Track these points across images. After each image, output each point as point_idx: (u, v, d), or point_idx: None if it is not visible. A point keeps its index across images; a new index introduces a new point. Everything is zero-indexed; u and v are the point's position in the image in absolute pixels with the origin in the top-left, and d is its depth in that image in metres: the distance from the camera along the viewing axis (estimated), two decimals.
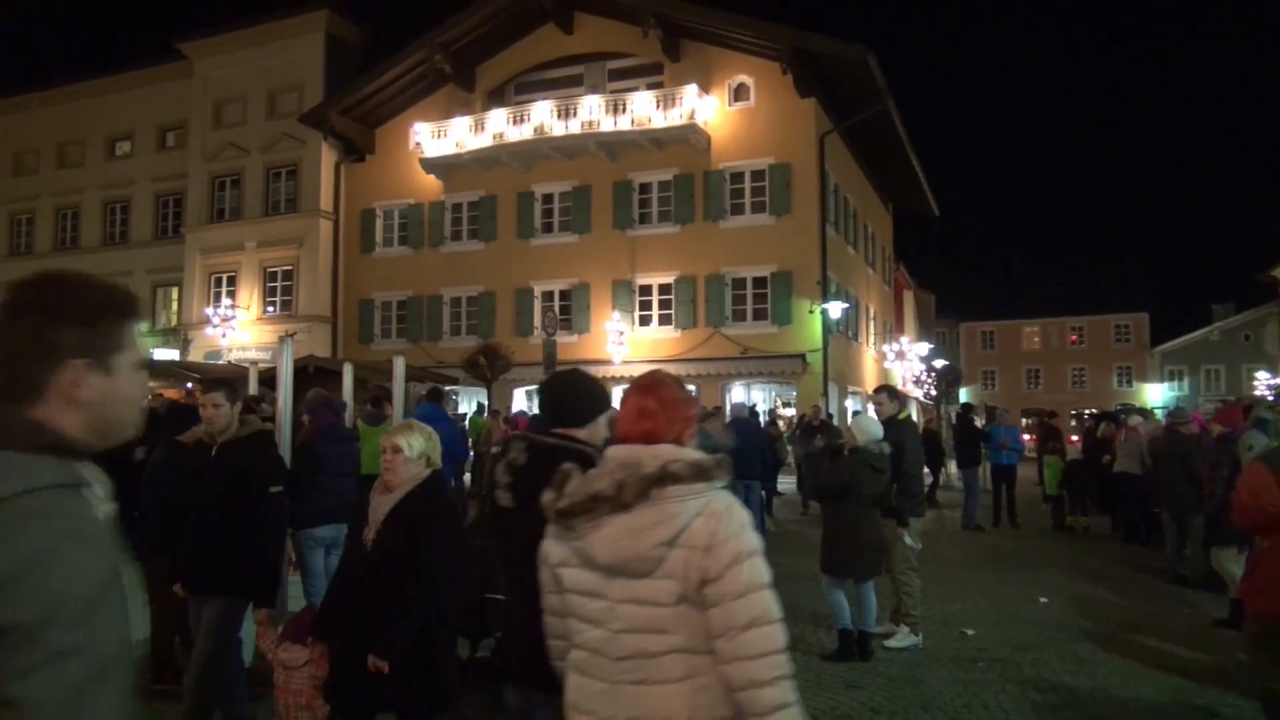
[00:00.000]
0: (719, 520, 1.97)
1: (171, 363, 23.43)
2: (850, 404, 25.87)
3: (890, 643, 6.82)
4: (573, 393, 2.88)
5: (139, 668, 1.30)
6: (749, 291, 23.88)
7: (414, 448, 3.64)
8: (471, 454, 14.90)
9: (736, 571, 1.94)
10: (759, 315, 23.72)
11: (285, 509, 4.77)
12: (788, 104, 23.60)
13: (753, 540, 2.00)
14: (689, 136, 23.76)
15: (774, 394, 25.92)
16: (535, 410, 14.01)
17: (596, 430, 2.75)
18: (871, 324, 31.28)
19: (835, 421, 19.46)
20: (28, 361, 1.32)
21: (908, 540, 6.93)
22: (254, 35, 28.98)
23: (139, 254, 31.19)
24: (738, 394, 23.54)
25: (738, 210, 24.11)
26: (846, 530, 6.48)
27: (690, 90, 23.74)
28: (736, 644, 1.92)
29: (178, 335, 29.29)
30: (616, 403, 2.53)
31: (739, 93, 24.32)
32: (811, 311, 23.03)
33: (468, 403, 23.70)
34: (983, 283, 62.33)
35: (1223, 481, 7.73)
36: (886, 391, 7.37)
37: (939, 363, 37.69)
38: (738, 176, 24.13)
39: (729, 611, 1.93)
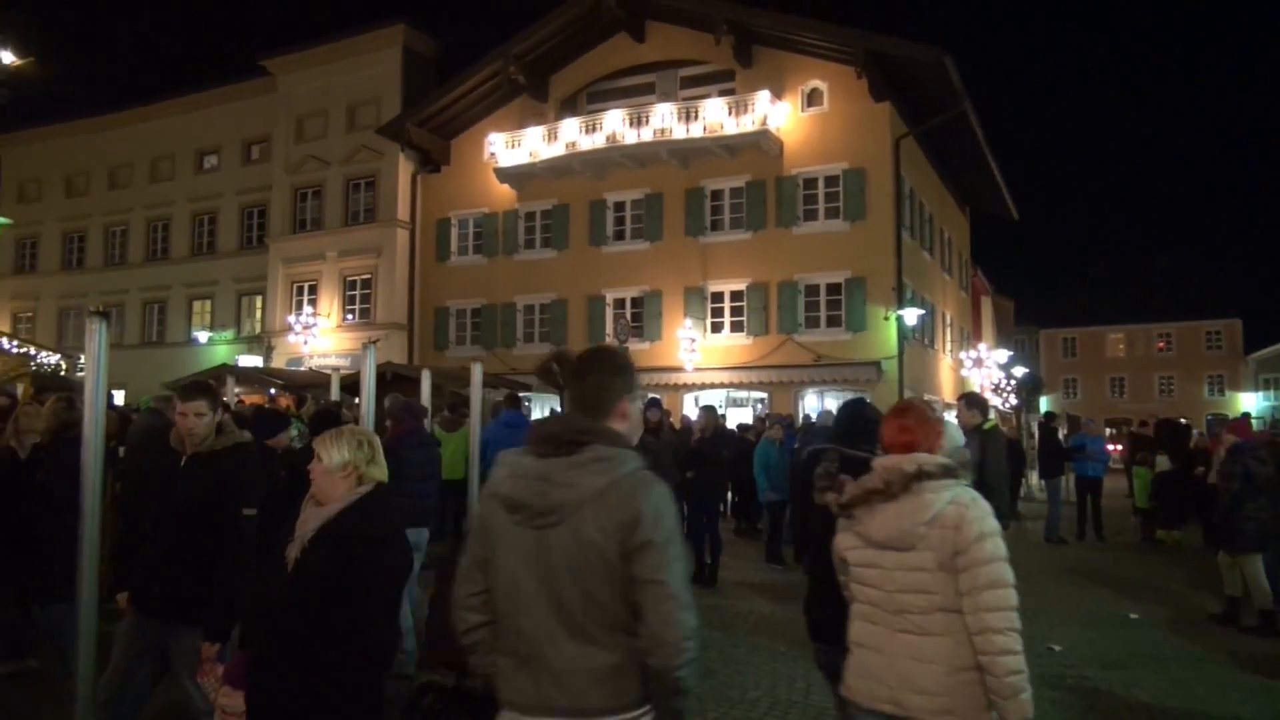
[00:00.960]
0: (966, 507, 2.73)
1: (256, 369, 24.17)
2: None
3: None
4: (864, 417, 3.89)
5: None
6: (822, 298, 23.61)
7: (334, 459, 3.09)
8: None
9: (980, 546, 2.67)
10: (832, 322, 23.44)
11: (255, 535, 4.10)
12: (862, 108, 23.31)
13: (993, 524, 2.73)
14: (761, 143, 23.64)
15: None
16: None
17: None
18: (948, 331, 30.66)
19: None
20: (607, 396, 2.39)
21: None
22: (334, 51, 29.79)
23: (225, 264, 32.27)
24: (811, 402, 23.29)
25: (811, 216, 23.88)
26: None
27: (762, 96, 23.62)
28: (978, 600, 2.63)
29: (261, 342, 30.18)
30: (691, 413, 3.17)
31: (812, 98, 24.11)
32: (886, 318, 22.67)
33: (540, 409, 23.89)
34: (1064, 288, 61.08)
35: (1233, 494, 8.18)
36: (970, 400, 7.19)
37: (1019, 371, 36.77)
38: (811, 182, 23.90)
39: (974, 575, 2.65)
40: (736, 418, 20.37)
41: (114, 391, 28.10)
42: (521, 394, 16.36)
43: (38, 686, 5.58)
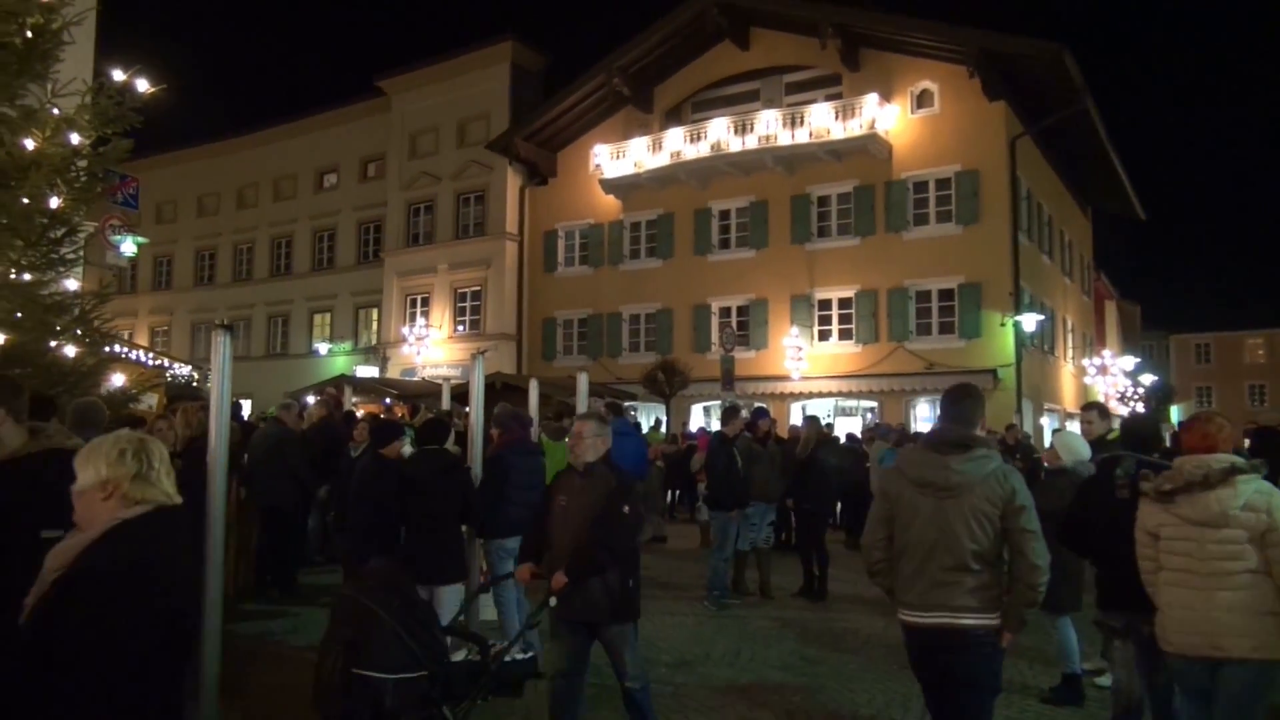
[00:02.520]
0: (1269, 495, 3.64)
1: (372, 380, 24.97)
2: (1047, 422, 24.35)
3: (1102, 680, 6.27)
4: (1148, 430, 4.97)
5: None
6: (934, 304, 22.95)
7: (85, 477, 2.45)
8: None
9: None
10: (945, 329, 22.75)
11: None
12: (975, 108, 22.60)
13: None
14: (869, 147, 23.17)
15: None
16: (716, 426, 13.94)
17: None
18: (1069, 337, 29.39)
19: (1031, 441, 18.31)
20: (974, 415, 3.83)
21: None
22: (445, 69, 30.63)
23: (343, 278, 33.51)
24: (923, 411, 22.64)
25: (921, 220, 23.26)
26: None
27: (870, 99, 23.16)
28: None
29: (377, 353, 31.18)
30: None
31: (922, 99, 23.51)
32: (1003, 324, 21.87)
33: (646, 418, 23.94)
34: (1196, 291, 58.11)
35: None
36: (1097, 409, 6.81)
37: (1147, 378, 34.97)
38: (921, 186, 23.29)
39: None
40: (845, 427, 19.96)
41: (241, 401, 29.51)
42: (627, 403, 16.41)
43: None
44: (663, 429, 20.52)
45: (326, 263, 34.45)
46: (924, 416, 22.04)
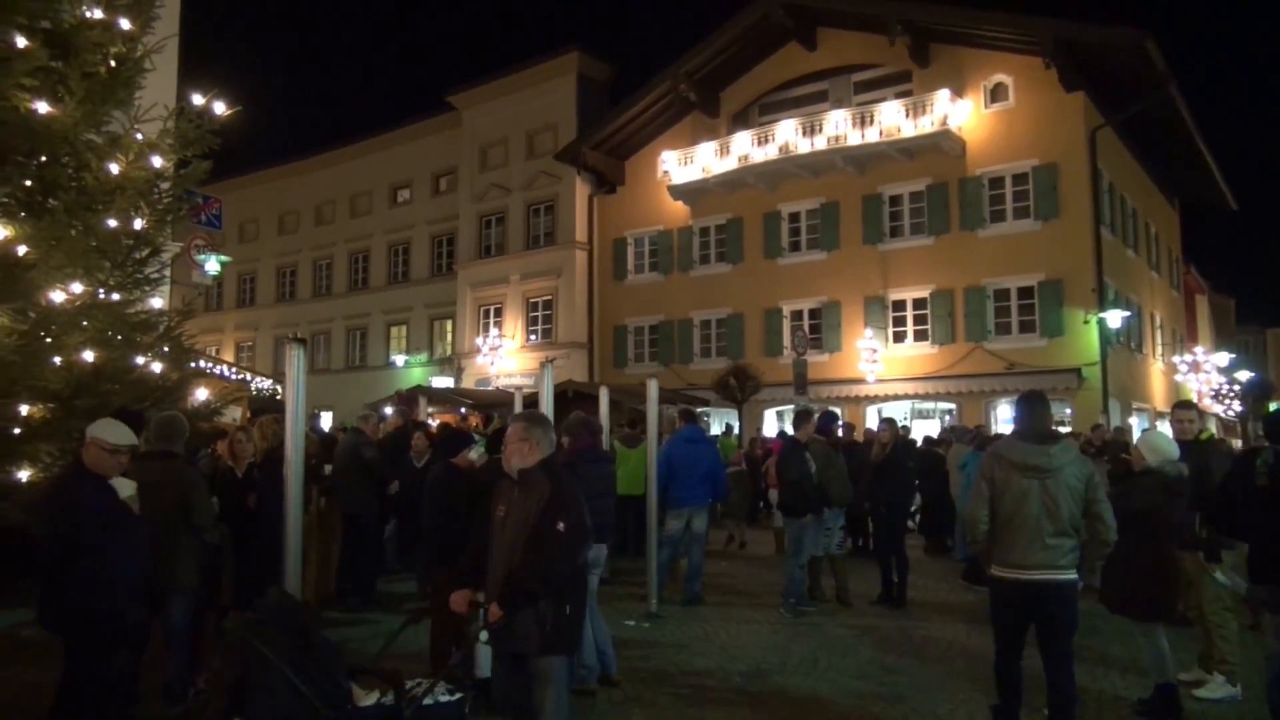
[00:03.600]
0: None
1: (447, 390, 25.36)
2: (1135, 422, 23.48)
3: (1201, 692, 5.99)
4: None
5: None
6: (1013, 303, 22.34)
7: None
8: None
9: None
10: (1025, 328, 22.12)
11: None
12: (1052, 100, 21.96)
13: None
14: (942, 144, 22.70)
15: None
16: (788, 430, 13.77)
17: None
18: (1158, 333, 28.31)
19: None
20: (1049, 417, 5.14)
21: (1220, 578, 6.02)
22: (513, 83, 31.02)
23: (418, 290, 34.15)
24: (1004, 412, 22.03)
25: (998, 217, 22.68)
26: (1134, 562, 5.57)
27: (942, 95, 22.69)
28: None
29: (452, 363, 31.68)
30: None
31: (996, 93, 22.94)
32: (1086, 322, 21.17)
33: (718, 424, 23.81)
34: None
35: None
36: (1192, 409, 6.51)
37: (1243, 375, 33.49)
38: (997, 182, 22.71)
39: None
40: (922, 430, 19.54)
41: (323, 412, 30.33)
42: (699, 409, 16.34)
43: None
44: (735, 435, 20.38)
45: (402, 276, 35.15)
46: (1005, 418, 21.44)
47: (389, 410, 14.79)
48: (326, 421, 27.56)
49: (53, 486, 4.72)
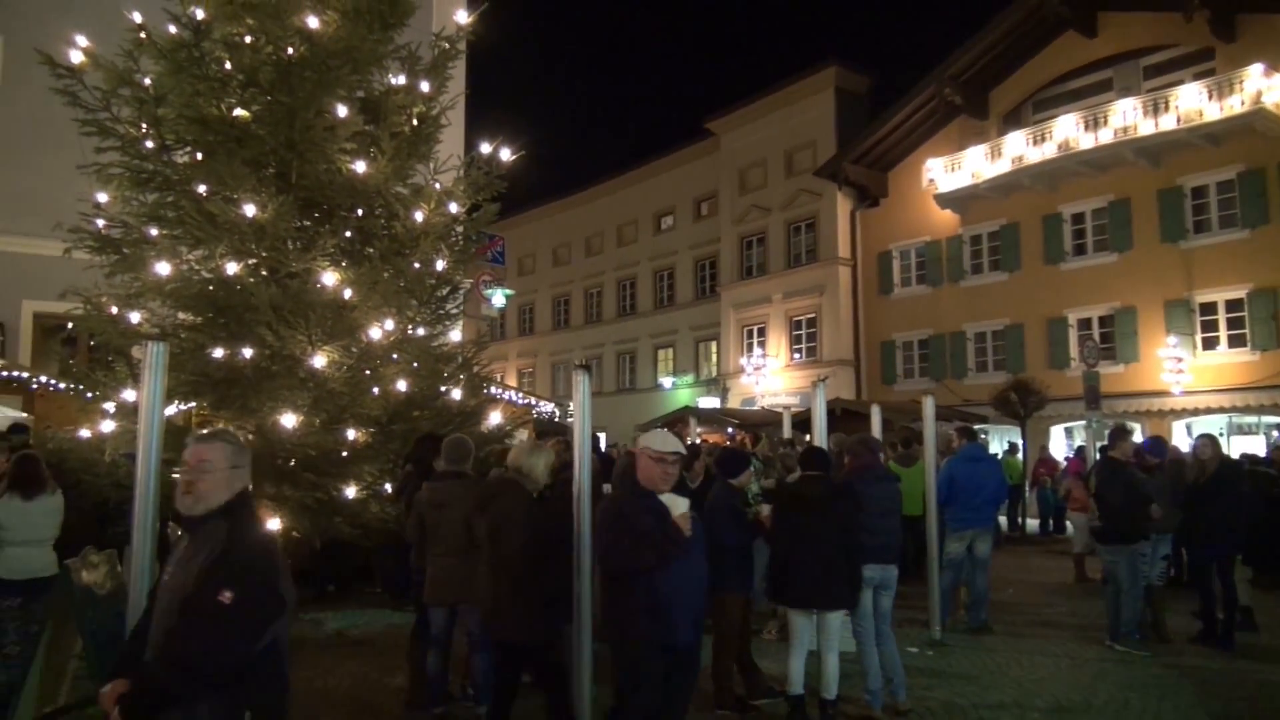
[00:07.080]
0: None
1: (714, 410, 25.73)
2: None
3: None
4: None
5: None
6: None
7: None
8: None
9: None
10: None
11: None
12: None
13: None
14: (1255, 124, 20.15)
15: None
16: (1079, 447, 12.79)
17: None
18: None
19: None
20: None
21: None
22: (770, 103, 31.19)
23: (682, 314, 35.05)
24: None
25: None
26: None
27: (1254, 71, 20.16)
28: None
29: (718, 384, 32.15)
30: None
31: None
32: None
33: (998, 442, 22.41)
34: None
35: None
36: None
37: None
38: None
39: None
40: (1242, 446, 17.33)
41: (598, 434, 31.78)
42: (976, 426, 15.50)
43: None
44: (1019, 454, 19.09)
45: (667, 300, 36.23)
46: None
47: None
48: (602, 442, 28.84)
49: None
